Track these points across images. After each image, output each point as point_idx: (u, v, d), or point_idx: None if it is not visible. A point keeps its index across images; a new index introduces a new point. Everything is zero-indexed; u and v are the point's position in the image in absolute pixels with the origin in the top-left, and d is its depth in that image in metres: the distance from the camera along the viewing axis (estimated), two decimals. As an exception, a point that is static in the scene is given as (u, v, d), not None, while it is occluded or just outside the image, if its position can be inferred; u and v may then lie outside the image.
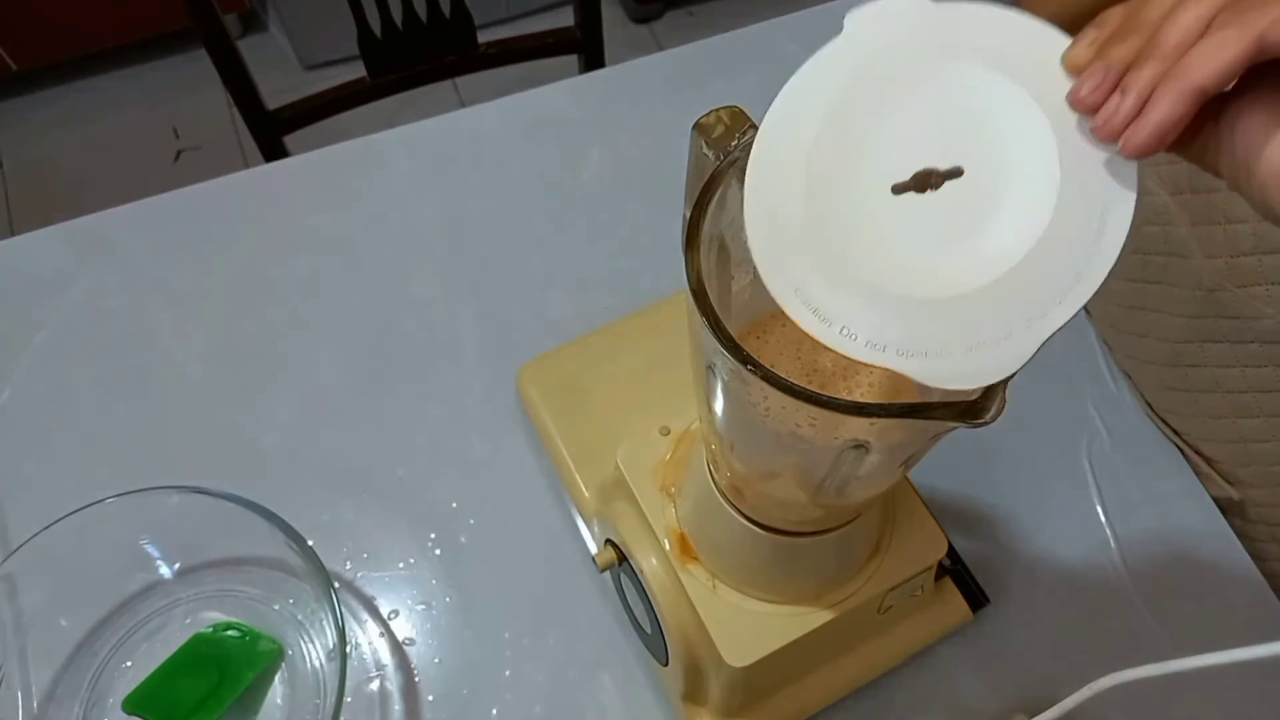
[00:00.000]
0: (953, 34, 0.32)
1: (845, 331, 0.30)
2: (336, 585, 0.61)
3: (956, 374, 0.29)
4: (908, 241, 0.30)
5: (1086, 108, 0.31)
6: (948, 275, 0.30)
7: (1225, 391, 0.64)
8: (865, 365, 0.33)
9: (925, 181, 0.31)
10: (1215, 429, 0.67)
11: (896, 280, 0.30)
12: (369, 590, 0.64)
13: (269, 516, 0.58)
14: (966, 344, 0.30)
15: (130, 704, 0.58)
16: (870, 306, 0.30)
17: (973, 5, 0.32)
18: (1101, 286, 0.30)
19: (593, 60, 1.14)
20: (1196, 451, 0.69)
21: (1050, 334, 0.29)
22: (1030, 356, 0.29)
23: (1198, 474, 0.69)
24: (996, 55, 0.31)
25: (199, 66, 1.82)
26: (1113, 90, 0.30)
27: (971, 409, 0.30)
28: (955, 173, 0.30)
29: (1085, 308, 0.73)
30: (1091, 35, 0.31)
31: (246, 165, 1.46)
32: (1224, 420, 0.66)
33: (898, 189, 0.31)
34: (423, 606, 0.64)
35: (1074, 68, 0.31)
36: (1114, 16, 0.31)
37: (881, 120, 0.31)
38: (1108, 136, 0.30)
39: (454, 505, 0.67)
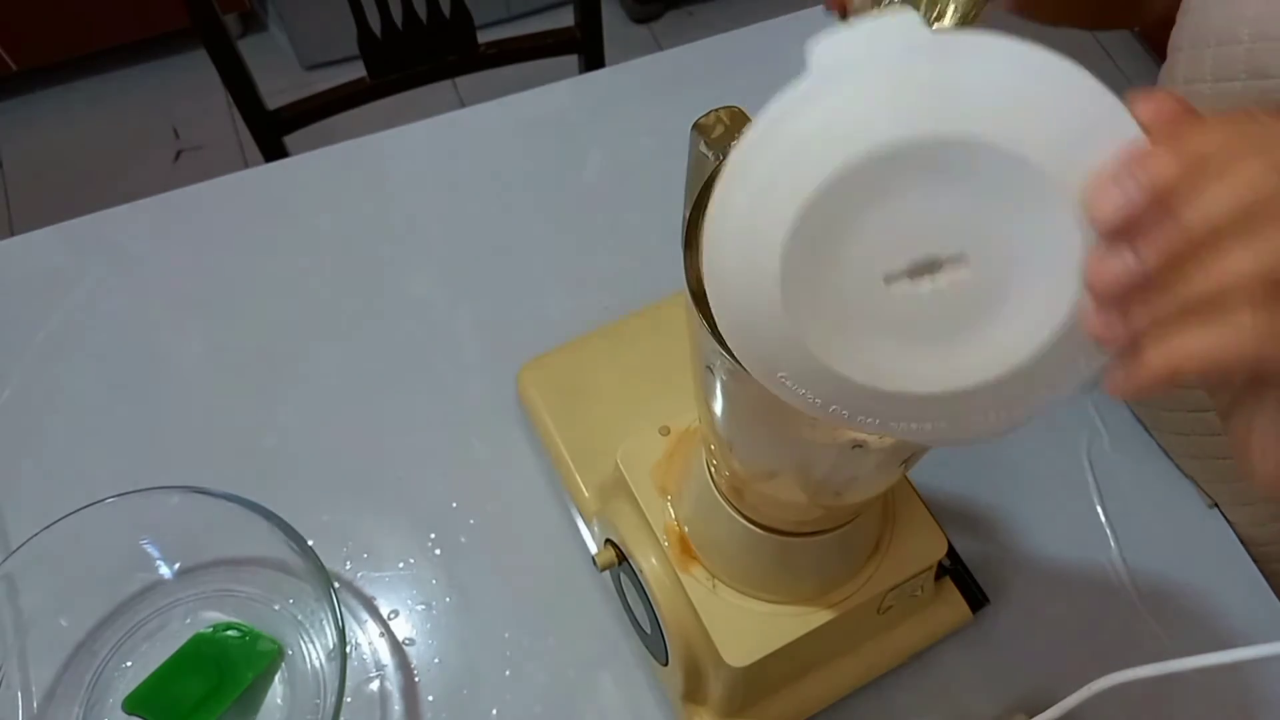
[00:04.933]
0: (956, 81, 0.25)
1: (836, 411, 0.29)
2: (336, 585, 0.61)
3: (966, 437, 0.29)
4: (901, 336, 0.27)
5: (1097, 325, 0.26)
6: (943, 372, 0.27)
7: (1189, 410, 0.64)
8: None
9: (923, 270, 0.26)
10: (1186, 445, 0.67)
11: (887, 376, 0.27)
12: (369, 590, 0.64)
13: (269, 516, 0.58)
14: (972, 429, 0.29)
15: (130, 704, 0.58)
16: (865, 397, 0.28)
17: (981, 37, 0.25)
18: None
19: (593, 60, 1.14)
20: (1178, 467, 0.69)
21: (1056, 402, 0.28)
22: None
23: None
24: (1014, 117, 0.25)
25: (199, 66, 1.83)
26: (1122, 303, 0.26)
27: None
28: (959, 259, 0.26)
29: None
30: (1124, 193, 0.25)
31: (246, 165, 1.46)
32: (1193, 437, 0.66)
33: (890, 278, 0.26)
34: (423, 606, 0.64)
35: (1096, 221, 0.25)
36: (1160, 164, 0.25)
37: (876, 199, 0.25)
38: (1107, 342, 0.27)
39: (454, 505, 0.67)
